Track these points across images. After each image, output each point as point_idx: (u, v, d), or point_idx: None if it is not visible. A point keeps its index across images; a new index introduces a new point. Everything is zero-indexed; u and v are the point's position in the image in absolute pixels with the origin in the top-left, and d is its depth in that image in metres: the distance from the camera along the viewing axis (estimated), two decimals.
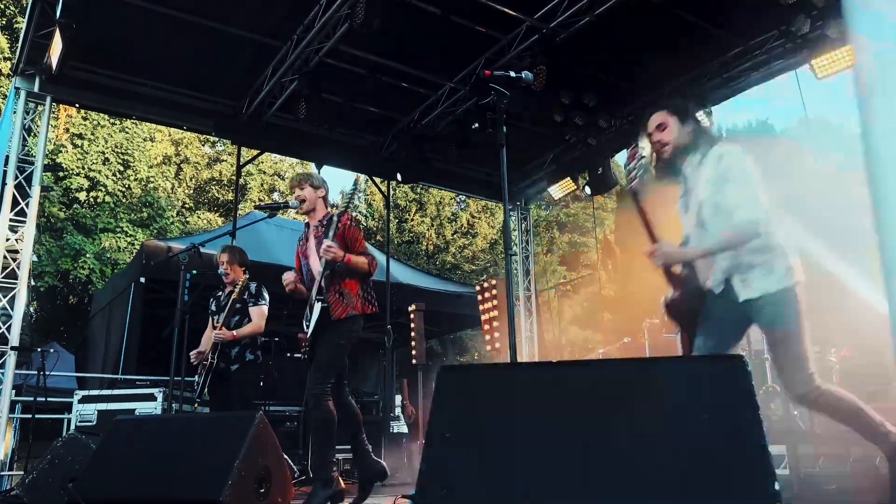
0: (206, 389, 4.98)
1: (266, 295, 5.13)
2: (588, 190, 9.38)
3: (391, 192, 24.03)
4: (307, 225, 4.38)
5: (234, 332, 4.90)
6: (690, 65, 7.78)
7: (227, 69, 7.67)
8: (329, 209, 4.39)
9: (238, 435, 2.80)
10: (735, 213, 2.81)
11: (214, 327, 5.02)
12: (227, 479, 2.62)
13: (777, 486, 1.36)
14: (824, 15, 6.34)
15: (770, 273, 2.82)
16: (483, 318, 8.66)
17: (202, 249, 5.12)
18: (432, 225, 25.33)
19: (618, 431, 1.58)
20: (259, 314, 5.04)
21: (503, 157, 2.77)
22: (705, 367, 1.69)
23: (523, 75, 2.98)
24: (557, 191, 9.58)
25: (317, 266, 4.17)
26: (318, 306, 4.09)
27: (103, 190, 18.40)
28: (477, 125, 7.51)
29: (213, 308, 5.13)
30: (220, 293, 5.14)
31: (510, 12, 6.86)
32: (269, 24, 7.00)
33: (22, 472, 6.16)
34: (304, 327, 4.19)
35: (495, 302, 8.50)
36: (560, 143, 9.19)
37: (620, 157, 9.79)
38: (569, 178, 9.37)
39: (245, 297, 5.08)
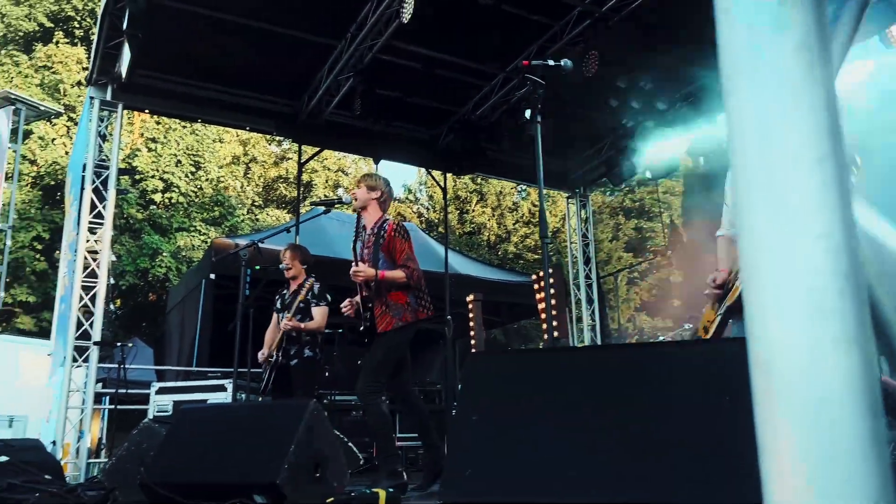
0: (270, 385, 5.21)
1: (328, 297, 5.28)
2: (649, 174, 9.21)
3: (451, 183, 24.11)
4: (358, 223, 4.46)
5: (302, 325, 5.08)
6: None
7: (285, 70, 7.90)
8: (384, 212, 4.46)
9: (293, 421, 2.93)
10: None
11: (279, 323, 5.22)
12: (284, 463, 2.75)
13: None
14: None
15: None
16: (540, 306, 8.65)
17: (265, 245, 5.33)
18: (493, 215, 25.29)
19: (641, 415, 1.60)
20: (321, 314, 5.20)
21: (538, 147, 2.79)
22: (726, 349, 1.68)
23: (563, 63, 2.98)
24: (616, 176, 9.43)
25: None
26: (362, 324, 4.20)
27: (177, 191, 19.19)
28: (529, 116, 7.49)
29: (279, 305, 5.33)
30: (285, 290, 5.33)
31: None
32: (323, 24, 7.17)
33: (107, 460, 6.58)
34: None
35: (552, 291, 8.46)
36: (618, 128, 9.06)
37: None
38: (628, 163, 9.21)
39: (308, 297, 5.25)
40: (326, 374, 6.63)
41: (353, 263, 4.28)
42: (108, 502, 3.62)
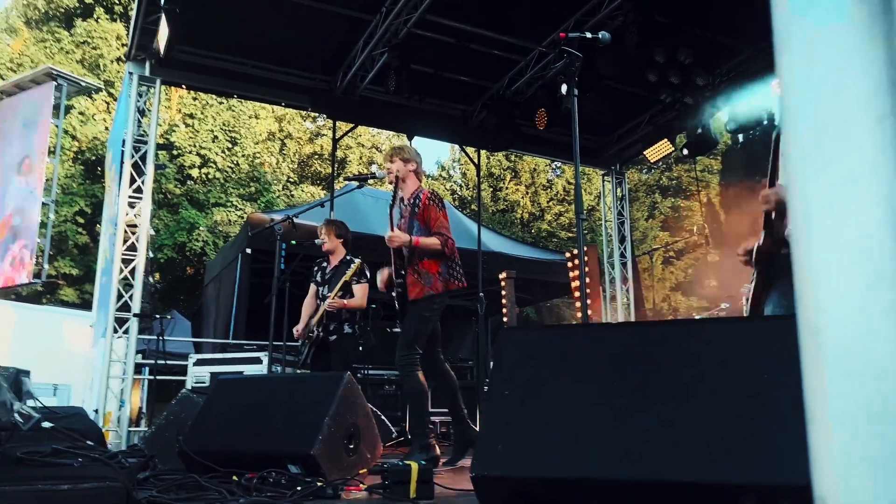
0: (308, 359, 5.27)
1: (368, 273, 5.31)
2: (686, 151, 9.04)
3: (484, 160, 23.97)
4: (394, 198, 4.47)
5: (345, 301, 5.12)
6: None
7: (321, 45, 7.89)
8: (420, 183, 4.48)
9: (328, 393, 2.97)
10: None
11: (320, 298, 5.25)
12: (318, 435, 2.79)
13: None
14: None
15: None
16: (573, 284, 8.59)
17: (298, 220, 5.36)
18: (527, 193, 25.12)
19: (677, 392, 1.57)
20: (362, 292, 5.23)
21: (575, 122, 2.74)
22: (766, 326, 1.64)
23: (600, 35, 2.92)
24: (654, 153, 9.27)
25: None
26: (395, 291, 4.24)
27: (213, 166, 19.44)
28: (566, 91, 7.38)
29: (318, 279, 5.36)
30: (325, 263, 5.36)
31: None
32: None
33: (147, 428, 6.77)
34: (396, 305, 4.35)
35: (586, 269, 8.39)
36: (655, 104, 8.89)
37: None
38: (666, 140, 9.05)
39: (346, 272, 5.28)
40: (360, 348, 6.69)
41: (389, 229, 4.29)
42: (148, 469, 3.72)
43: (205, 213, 19.03)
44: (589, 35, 2.86)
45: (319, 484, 2.59)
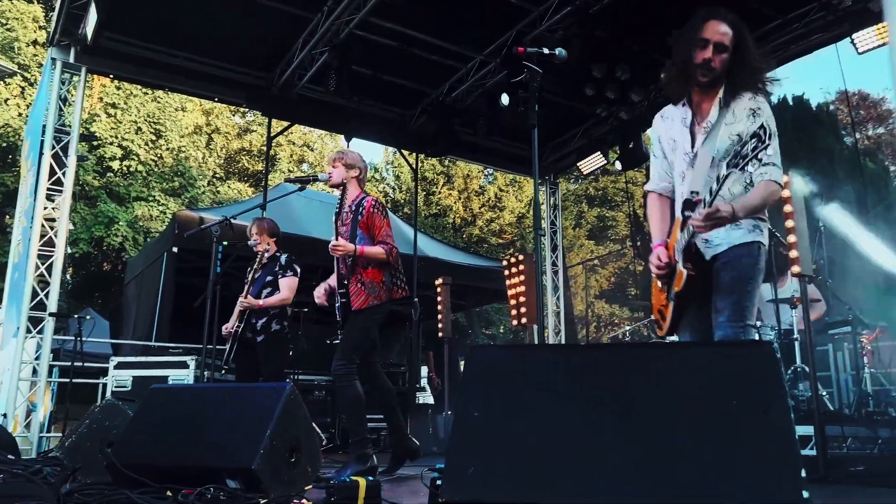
0: (231, 357, 5.09)
1: (297, 268, 5.19)
2: (618, 165, 9.28)
3: (419, 164, 24.01)
4: (340, 204, 4.39)
5: (261, 301, 4.98)
6: None
7: (259, 41, 7.70)
8: (361, 190, 4.42)
9: (270, 405, 2.87)
10: (767, 171, 2.53)
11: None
12: (260, 448, 2.69)
13: (806, 495, 1.35)
14: None
15: (735, 228, 2.61)
16: (510, 292, 8.67)
17: (236, 222, 5.19)
18: (460, 198, 25.27)
19: (646, 416, 1.59)
20: (288, 286, 5.10)
21: (535, 137, 2.75)
22: (735, 353, 1.68)
23: (557, 52, 2.94)
24: (587, 165, 9.48)
25: None
26: (338, 300, 4.18)
27: (136, 159, 18.65)
28: (506, 102, 7.46)
29: (248, 279, 5.21)
30: (255, 264, 5.21)
31: None
32: None
33: (60, 434, 6.40)
34: (337, 315, 4.28)
35: (522, 277, 8.49)
36: (591, 117, 9.08)
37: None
38: (599, 153, 9.27)
39: (276, 269, 5.15)
40: (290, 352, 6.54)
41: (334, 238, 4.20)
42: (69, 482, 3.51)
43: (125, 208, 18.23)
44: (546, 51, 2.87)
45: (262, 501, 2.50)
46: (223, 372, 5.58)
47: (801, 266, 4.71)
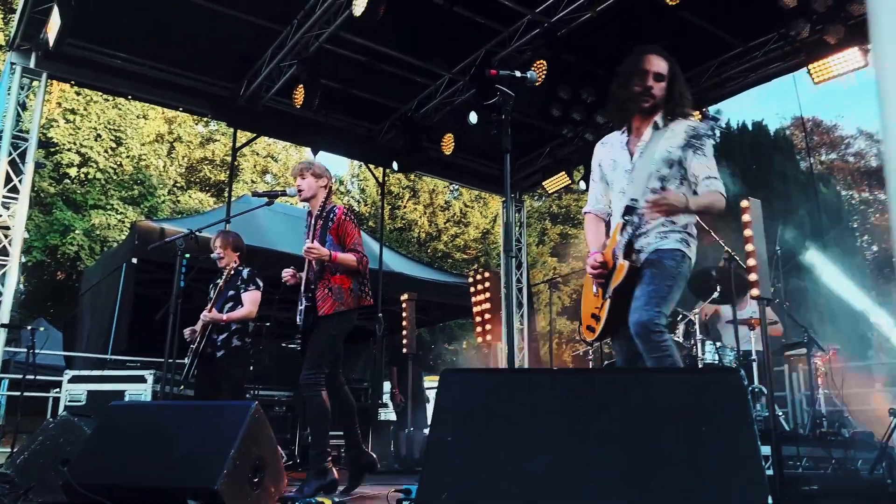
0: (192, 372, 4.98)
1: (259, 282, 5.11)
2: (583, 184, 9.41)
3: (384, 178, 23.93)
4: (309, 214, 4.37)
5: (224, 315, 4.89)
6: (689, 63, 7.79)
7: (227, 52, 7.65)
8: (330, 199, 4.39)
9: (234, 424, 2.82)
10: (710, 183, 2.80)
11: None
12: (223, 468, 2.64)
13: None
14: (824, 20, 6.36)
15: (665, 238, 2.87)
16: (475, 309, 8.69)
17: (202, 234, 5.11)
18: (425, 213, 25.28)
19: (617, 441, 1.61)
20: (251, 300, 5.03)
21: (507, 162, 2.78)
22: (702, 379, 1.72)
23: (528, 75, 2.99)
24: (552, 184, 9.59)
25: None
26: (302, 303, 4.13)
27: (94, 166, 18.26)
28: (475, 120, 7.52)
29: (212, 294, 5.12)
30: (218, 280, 5.13)
31: (512, 5, 6.85)
32: (270, 8, 6.97)
33: (8, 450, 6.17)
34: (298, 319, 4.21)
35: (488, 294, 8.53)
36: (557, 137, 9.20)
37: None
38: (564, 173, 9.39)
39: (238, 283, 5.07)
40: (251, 367, 6.44)
41: (308, 241, 4.16)
42: (20, 501, 3.40)
43: (81, 216, 17.79)
44: (518, 73, 2.92)
45: None
46: (181, 388, 5.46)
47: (760, 289, 4.82)
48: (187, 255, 5.15)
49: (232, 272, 5.05)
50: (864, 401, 6.64)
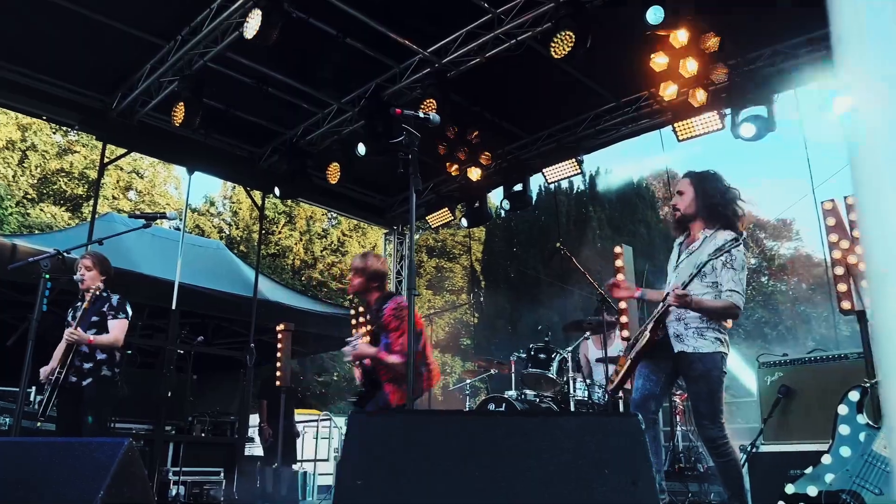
0: (51, 405, 4.55)
1: (129, 310, 4.80)
2: (465, 222, 9.63)
3: (258, 202, 23.35)
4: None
5: (91, 337, 4.54)
6: (567, 114, 8.28)
7: (101, 62, 7.23)
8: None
9: (104, 463, 2.61)
10: (730, 295, 3.35)
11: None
12: None
13: None
14: (689, 84, 6.96)
15: (701, 337, 3.38)
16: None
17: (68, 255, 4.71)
18: (301, 239, 24.80)
19: (524, 483, 1.65)
20: (119, 328, 4.70)
21: (412, 201, 2.81)
22: (606, 423, 1.81)
23: (431, 117, 3.05)
24: (435, 219, 9.74)
25: None
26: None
27: None
28: (363, 152, 7.52)
29: (70, 319, 4.73)
30: (79, 303, 4.75)
31: (405, 43, 6.97)
32: (151, 21, 6.69)
33: None
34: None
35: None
36: (441, 174, 9.38)
37: (495, 195, 10.12)
38: (447, 209, 9.57)
39: (104, 308, 4.73)
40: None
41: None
42: None
43: None
44: (421, 115, 2.97)
45: None
46: (39, 423, 4.97)
47: (629, 330, 5.13)
48: (45, 276, 4.75)
49: (97, 296, 4.70)
50: None
